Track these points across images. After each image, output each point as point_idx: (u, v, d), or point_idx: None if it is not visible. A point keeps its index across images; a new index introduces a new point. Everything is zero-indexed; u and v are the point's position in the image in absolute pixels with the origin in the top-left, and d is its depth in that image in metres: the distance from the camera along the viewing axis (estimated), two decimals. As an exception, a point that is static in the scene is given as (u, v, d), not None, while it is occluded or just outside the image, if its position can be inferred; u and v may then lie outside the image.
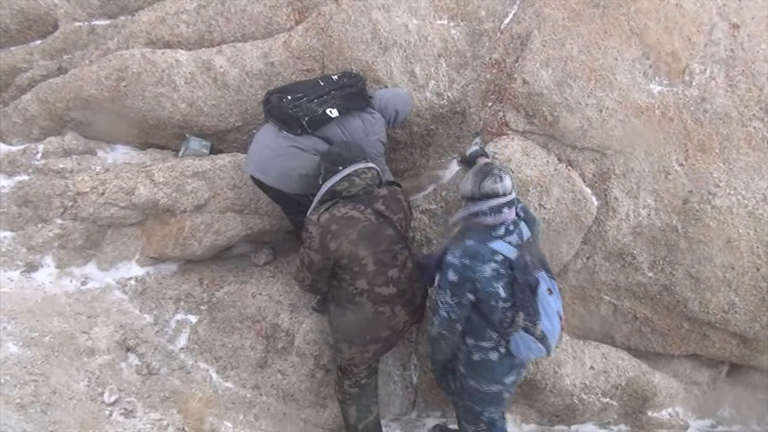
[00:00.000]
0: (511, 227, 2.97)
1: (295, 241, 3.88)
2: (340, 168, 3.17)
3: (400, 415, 3.83)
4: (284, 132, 3.45)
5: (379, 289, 3.16)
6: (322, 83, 3.62)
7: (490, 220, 2.91)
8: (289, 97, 3.49)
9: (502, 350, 3.05)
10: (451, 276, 2.93)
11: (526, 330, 2.89)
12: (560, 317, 2.95)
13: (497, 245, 2.92)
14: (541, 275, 2.89)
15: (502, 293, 2.89)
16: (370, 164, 3.25)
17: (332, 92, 3.55)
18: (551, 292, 2.90)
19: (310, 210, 3.24)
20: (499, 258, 2.90)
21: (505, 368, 3.12)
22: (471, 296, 2.95)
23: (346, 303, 3.22)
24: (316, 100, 3.47)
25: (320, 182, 3.24)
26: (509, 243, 2.94)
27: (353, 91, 3.56)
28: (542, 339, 2.90)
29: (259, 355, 3.77)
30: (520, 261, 2.88)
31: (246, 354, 3.81)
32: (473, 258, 2.90)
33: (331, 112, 3.43)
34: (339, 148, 3.32)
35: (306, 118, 3.38)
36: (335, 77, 3.65)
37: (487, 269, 2.88)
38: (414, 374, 4.04)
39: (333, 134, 3.47)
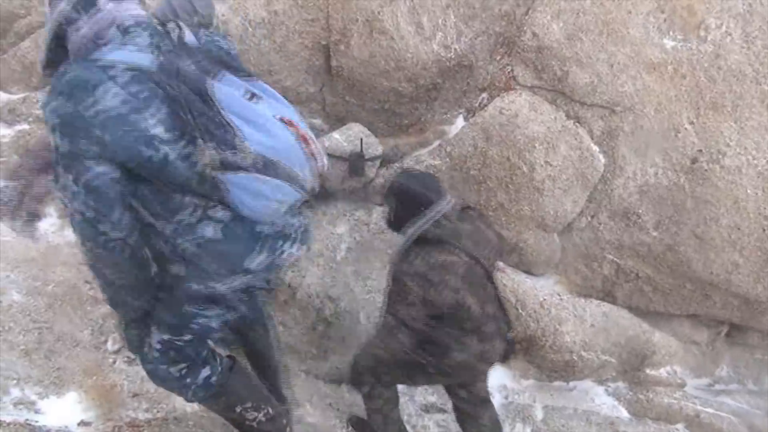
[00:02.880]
0: (137, 29, 1.83)
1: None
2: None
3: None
4: None
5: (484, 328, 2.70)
6: None
7: (85, 28, 1.80)
8: None
9: (221, 215, 1.90)
10: (63, 143, 1.69)
11: (231, 166, 1.79)
12: (289, 123, 1.90)
13: (112, 55, 1.76)
14: (227, 78, 1.88)
15: (163, 133, 1.75)
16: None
17: None
18: (254, 97, 1.90)
19: None
20: (121, 72, 1.72)
21: (240, 245, 1.94)
22: (106, 167, 1.72)
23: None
24: None
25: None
26: (138, 49, 1.80)
27: None
28: (268, 166, 1.83)
29: (261, 307, 3.79)
30: (167, 67, 1.79)
31: (248, 306, 3.81)
32: (73, 94, 1.68)
33: None
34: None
35: None
36: None
37: (110, 99, 1.69)
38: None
39: None
